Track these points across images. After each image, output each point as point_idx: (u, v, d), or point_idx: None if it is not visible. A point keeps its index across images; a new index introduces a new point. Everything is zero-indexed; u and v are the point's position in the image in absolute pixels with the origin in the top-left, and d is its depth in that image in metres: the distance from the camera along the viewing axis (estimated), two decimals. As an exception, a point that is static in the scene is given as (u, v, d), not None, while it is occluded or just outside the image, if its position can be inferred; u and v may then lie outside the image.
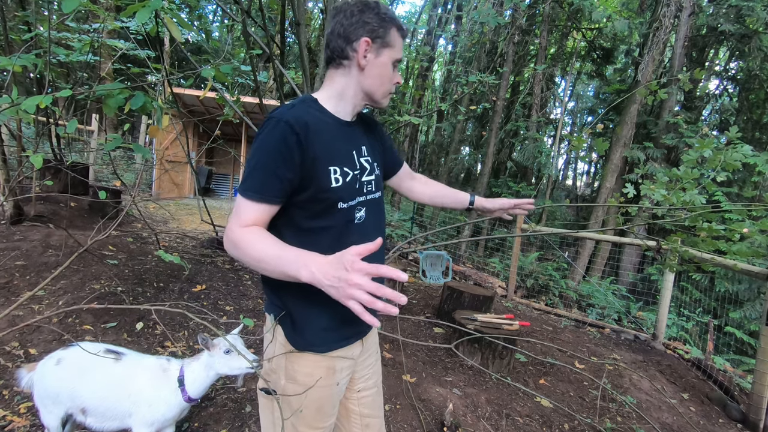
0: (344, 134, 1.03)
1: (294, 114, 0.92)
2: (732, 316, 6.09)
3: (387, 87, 1.04)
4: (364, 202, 1.06)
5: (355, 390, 1.18)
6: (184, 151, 3.45)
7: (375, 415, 1.22)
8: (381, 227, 1.14)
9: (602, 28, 9.93)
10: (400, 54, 1.03)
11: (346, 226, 1.01)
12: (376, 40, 0.99)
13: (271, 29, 4.04)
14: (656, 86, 2.81)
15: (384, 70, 1.02)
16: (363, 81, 1.02)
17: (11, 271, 3.04)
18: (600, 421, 2.61)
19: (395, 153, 1.30)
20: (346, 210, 1.00)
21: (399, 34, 1.01)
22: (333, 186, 0.96)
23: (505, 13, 8.94)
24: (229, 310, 3.29)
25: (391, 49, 1.01)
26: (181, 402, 1.52)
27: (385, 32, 0.99)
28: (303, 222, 0.98)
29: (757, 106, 9.02)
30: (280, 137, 0.90)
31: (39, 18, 5.48)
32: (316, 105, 1.02)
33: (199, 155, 8.93)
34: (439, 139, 14.27)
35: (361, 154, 1.07)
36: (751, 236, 2.18)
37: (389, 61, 1.02)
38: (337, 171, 0.98)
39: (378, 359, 1.25)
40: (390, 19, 1.00)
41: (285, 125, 0.90)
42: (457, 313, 3.40)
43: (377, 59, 1.00)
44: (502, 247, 7.71)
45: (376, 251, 1.04)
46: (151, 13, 1.62)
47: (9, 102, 1.80)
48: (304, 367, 1.03)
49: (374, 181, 1.10)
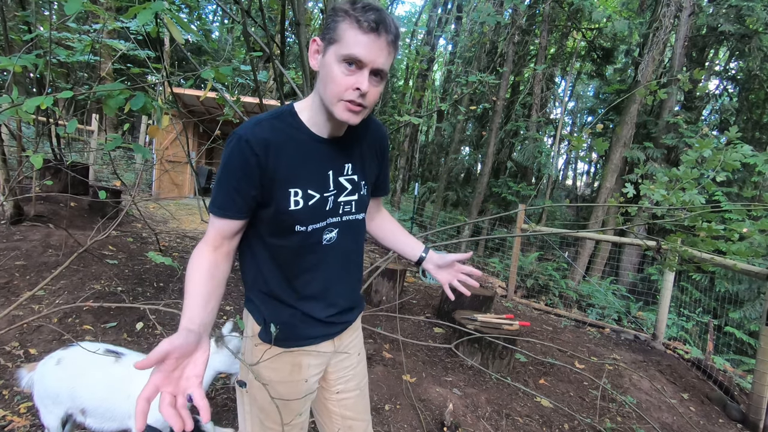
0: (318, 152, 0.96)
1: (255, 133, 0.89)
2: (732, 316, 6.09)
3: (333, 90, 0.85)
4: (338, 223, 1.01)
5: (333, 391, 1.16)
6: (184, 151, 3.45)
7: (359, 417, 1.20)
8: (354, 250, 1.09)
9: (602, 28, 9.94)
10: (350, 49, 0.82)
11: (308, 247, 0.98)
12: (324, 37, 0.86)
13: (271, 29, 4.04)
14: (656, 86, 2.82)
15: (327, 70, 0.85)
16: (317, 85, 0.91)
17: (11, 271, 3.05)
18: (600, 421, 2.61)
19: (386, 180, 1.19)
20: (307, 233, 0.96)
21: (352, 26, 0.81)
22: (291, 209, 0.93)
23: (505, 13, 8.94)
24: (228, 310, 3.30)
25: (337, 44, 0.83)
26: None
27: (333, 27, 0.84)
28: (266, 237, 0.98)
29: (757, 106, 9.02)
30: (239, 155, 0.88)
31: (39, 18, 5.48)
32: (291, 118, 0.95)
33: (199, 155, 8.93)
34: (439, 139, 14.28)
35: (342, 173, 1.00)
36: (751, 236, 2.18)
37: (334, 59, 0.84)
38: (299, 193, 0.93)
39: (361, 361, 1.23)
40: (343, 12, 0.82)
41: (245, 144, 0.87)
42: (457, 313, 3.40)
43: (324, 59, 0.87)
44: (502, 247, 7.71)
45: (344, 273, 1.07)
46: (152, 15, 1.62)
47: (9, 102, 1.80)
48: (269, 362, 1.03)
49: (356, 202, 1.03)
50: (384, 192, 1.20)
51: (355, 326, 1.19)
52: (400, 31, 0.88)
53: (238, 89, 7.05)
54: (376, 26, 0.81)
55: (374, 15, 0.81)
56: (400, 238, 1.24)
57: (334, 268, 1.04)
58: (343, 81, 0.84)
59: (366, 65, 0.83)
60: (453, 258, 1.15)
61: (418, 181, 13.23)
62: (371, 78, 0.85)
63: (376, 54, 0.83)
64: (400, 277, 4.10)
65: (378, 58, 0.83)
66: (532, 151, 9.17)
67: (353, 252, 1.09)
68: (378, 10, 0.82)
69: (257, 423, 1.06)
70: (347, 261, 1.07)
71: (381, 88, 0.89)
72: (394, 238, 1.25)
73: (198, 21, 5.52)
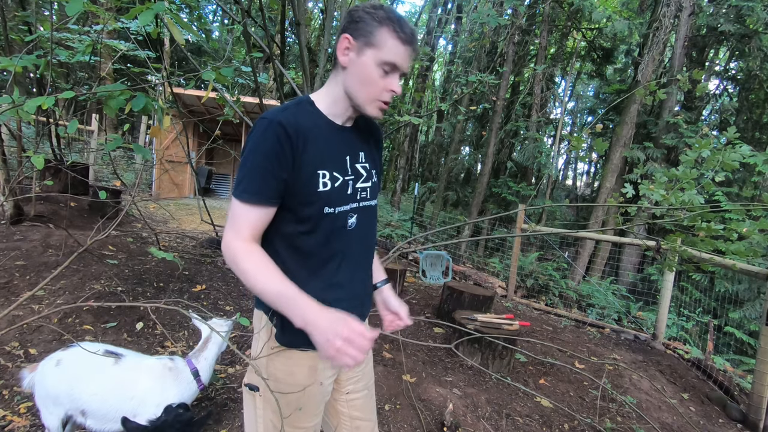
0: (337, 138, 1.01)
1: (286, 116, 0.92)
2: (732, 316, 6.09)
3: (371, 91, 0.95)
4: (357, 209, 1.04)
5: (343, 392, 1.17)
6: (184, 151, 3.45)
7: (366, 418, 1.20)
8: (371, 236, 1.13)
9: (602, 28, 9.93)
10: (391, 57, 0.92)
11: (335, 232, 0.99)
12: (359, 38, 0.92)
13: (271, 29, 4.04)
14: (655, 86, 2.82)
15: (365, 71, 0.93)
16: (345, 81, 0.97)
17: (11, 271, 3.05)
18: (600, 421, 2.61)
19: (380, 178, 1.22)
20: (335, 216, 0.98)
21: (393, 36, 0.91)
22: (320, 190, 0.95)
23: (504, 13, 8.95)
24: (228, 310, 3.30)
25: (376, 49, 0.91)
26: (196, 391, 1.65)
27: (372, 30, 0.91)
28: (289, 226, 0.98)
29: (757, 106, 9.02)
30: (273, 138, 0.90)
31: (39, 18, 5.48)
32: (310, 107, 1.00)
33: (199, 155, 8.93)
34: (439, 139, 14.28)
35: (358, 160, 1.05)
36: (750, 236, 2.18)
37: (373, 62, 0.92)
38: (326, 175, 0.96)
39: (369, 362, 1.24)
40: (382, 19, 0.91)
41: (278, 126, 0.90)
42: (457, 313, 3.40)
43: (359, 58, 0.93)
44: (502, 247, 7.71)
45: (362, 259, 1.10)
46: (153, 16, 1.63)
47: (10, 102, 1.80)
48: (284, 365, 1.03)
49: (370, 188, 1.08)
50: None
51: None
52: None
53: (238, 89, 7.06)
54: (412, 40, 0.94)
55: (409, 29, 0.93)
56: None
57: (357, 254, 1.07)
58: (381, 83, 0.94)
59: (400, 71, 0.95)
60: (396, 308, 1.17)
61: (418, 181, 13.24)
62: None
63: (408, 62, 0.96)
64: (400, 277, 4.10)
65: (408, 65, 0.97)
66: (532, 151, 9.17)
67: (370, 238, 1.12)
68: (410, 24, 0.95)
69: (270, 427, 1.05)
70: (366, 247, 1.10)
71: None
72: None
73: (198, 21, 5.52)
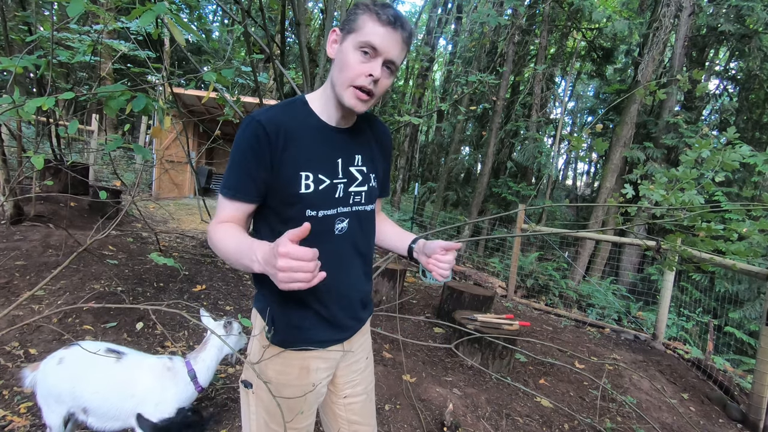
0: (330, 140, 0.98)
1: (268, 115, 0.92)
2: (732, 316, 6.09)
3: (347, 75, 0.89)
4: (349, 213, 1.01)
5: (341, 395, 1.16)
6: (184, 151, 3.45)
7: (365, 422, 1.19)
8: (367, 241, 1.10)
9: (602, 28, 9.93)
10: (368, 37, 0.87)
11: (320, 236, 0.95)
12: (344, 28, 0.91)
13: (271, 29, 4.04)
14: (655, 86, 2.82)
15: (344, 57, 0.89)
16: (331, 73, 0.94)
17: (11, 271, 3.05)
18: (600, 421, 2.61)
19: (388, 182, 1.20)
20: (318, 219, 0.96)
21: (371, 18, 0.87)
22: (302, 192, 0.93)
23: (505, 13, 8.95)
24: (229, 310, 3.30)
25: (355, 33, 0.88)
26: (194, 393, 1.62)
27: (354, 19, 0.89)
28: (276, 225, 0.97)
29: (757, 106, 9.02)
30: (252, 136, 0.90)
31: (39, 18, 5.48)
32: (303, 107, 0.99)
33: (199, 155, 8.93)
34: (439, 139, 14.28)
35: (353, 163, 1.02)
36: (750, 236, 2.18)
37: (351, 46, 0.88)
38: (310, 177, 0.94)
39: (369, 365, 1.22)
40: (363, 6, 0.89)
41: (257, 124, 0.90)
42: (457, 313, 3.41)
43: (341, 47, 0.91)
44: (502, 247, 7.72)
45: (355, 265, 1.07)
46: (154, 17, 1.63)
47: (11, 102, 1.80)
48: (276, 364, 1.02)
49: (366, 193, 1.04)
50: (385, 193, 1.20)
51: (364, 330, 1.18)
52: (413, 32, 0.94)
53: (239, 89, 7.05)
54: (393, 20, 0.87)
55: (392, 11, 0.88)
56: (396, 236, 1.21)
57: (348, 259, 1.05)
58: (358, 67, 0.88)
59: (380, 54, 0.88)
60: (437, 246, 1.04)
61: (418, 181, 13.24)
62: (383, 68, 0.89)
63: (391, 45, 0.88)
64: (400, 277, 4.10)
65: (392, 50, 0.89)
66: (532, 151, 9.17)
67: (364, 244, 1.09)
68: (395, 9, 0.90)
69: (262, 424, 1.05)
70: (359, 253, 1.08)
71: (390, 81, 0.94)
72: (390, 237, 1.22)
73: (198, 21, 5.53)
